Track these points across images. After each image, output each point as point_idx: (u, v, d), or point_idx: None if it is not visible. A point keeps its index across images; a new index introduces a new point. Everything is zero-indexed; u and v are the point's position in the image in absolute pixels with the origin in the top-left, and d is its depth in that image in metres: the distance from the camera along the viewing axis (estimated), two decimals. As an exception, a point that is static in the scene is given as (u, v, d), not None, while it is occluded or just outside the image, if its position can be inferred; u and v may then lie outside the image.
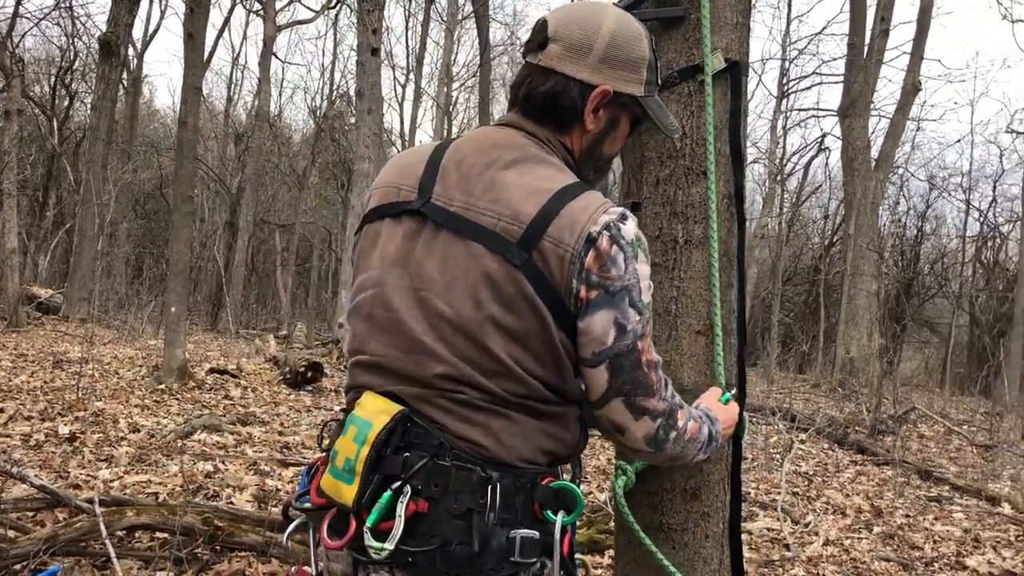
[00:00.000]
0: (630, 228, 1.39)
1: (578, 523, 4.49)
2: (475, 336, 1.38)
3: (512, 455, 1.39)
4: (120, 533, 3.62)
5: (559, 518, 1.40)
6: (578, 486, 1.48)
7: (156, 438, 6.09)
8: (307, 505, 1.51)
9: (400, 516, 1.33)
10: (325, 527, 1.43)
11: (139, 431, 6.27)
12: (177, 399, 7.79)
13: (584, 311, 1.37)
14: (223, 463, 5.55)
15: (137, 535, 3.76)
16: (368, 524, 1.34)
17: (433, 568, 1.34)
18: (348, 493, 1.38)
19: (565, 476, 1.54)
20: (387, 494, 1.35)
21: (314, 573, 1.55)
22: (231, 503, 4.59)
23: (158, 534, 3.74)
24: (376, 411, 1.41)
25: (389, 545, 1.32)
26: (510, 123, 1.53)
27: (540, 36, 1.50)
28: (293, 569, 1.60)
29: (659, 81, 1.60)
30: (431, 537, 1.34)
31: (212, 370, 9.42)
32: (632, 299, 1.38)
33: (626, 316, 1.37)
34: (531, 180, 1.41)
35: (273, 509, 4.45)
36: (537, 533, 1.38)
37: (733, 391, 1.94)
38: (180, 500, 4.12)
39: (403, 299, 1.44)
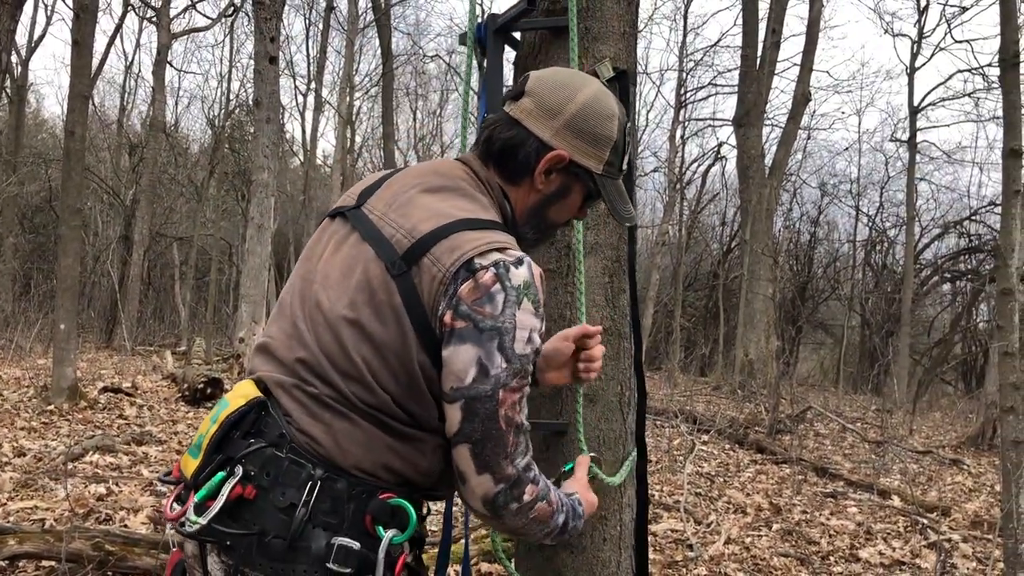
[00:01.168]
0: (521, 273, 1.36)
1: (482, 533, 4.48)
2: (339, 333, 1.40)
3: (348, 461, 1.39)
4: (2, 563, 3.44)
5: (388, 535, 1.38)
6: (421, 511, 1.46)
7: (44, 461, 5.82)
8: (168, 478, 1.53)
9: (222, 495, 1.34)
10: (170, 500, 1.46)
11: (25, 455, 5.97)
12: (67, 420, 7.46)
13: (448, 340, 1.35)
14: (116, 485, 5.33)
15: (21, 564, 3.59)
16: (196, 499, 1.36)
17: (249, 556, 1.34)
18: (192, 467, 1.41)
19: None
20: (220, 474, 1.37)
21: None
22: (125, 526, 4.42)
23: (44, 562, 3.58)
24: (237, 395, 1.44)
25: (202, 520, 1.34)
26: (462, 159, 1.58)
27: (519, 88, 1.55)
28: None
29: (623, 167, 1.60)
30: (252, 524, 1.35)
31: (105, 389, 9.07)
32: (503, 343, 1.33)
33: (491, 359, 1.33)
34: (444, 206, 1.44)
35: (169, 531, 4.30)
36: (359, 544, 1.36)
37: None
38: (67, 526, 3.94)
39: (300, 288, 1.50)
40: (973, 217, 21.51)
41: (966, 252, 21.71)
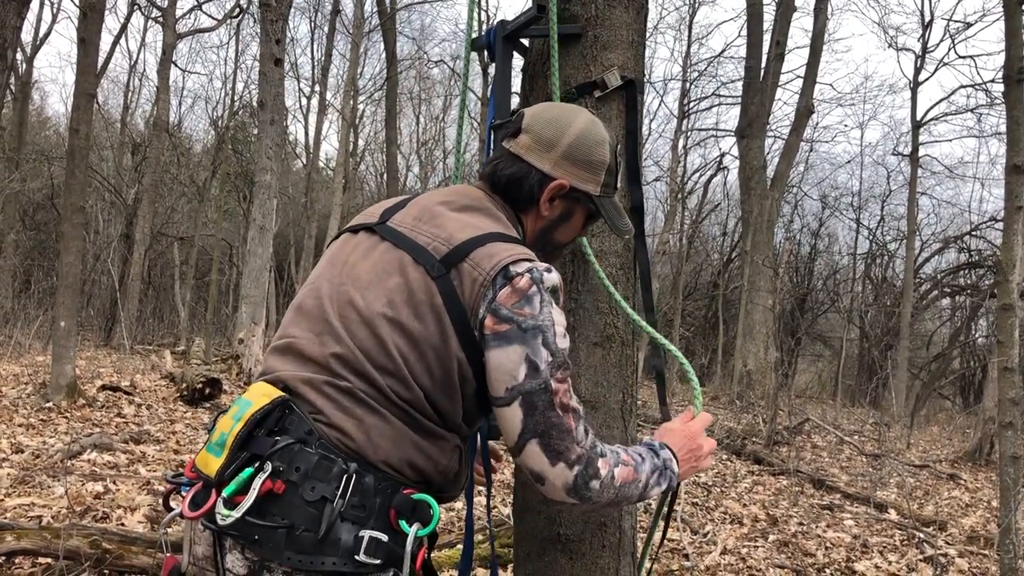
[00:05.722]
0: (552, 278, 1.48)
1: (479, 539, 4.48)
2: (376, 329, 1.46)
3: (378, 455, 1.44)
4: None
5: (413, 529, 1.42)
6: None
7: (41, 459, 5.82)
8: (181, 480, 1.53)
9: (254, 490, 1.37)
10: (187, 500, 1.47)
11: (23, 452, 5.97)
12: (65, 417, 7.46)
13: (492, 343, 1.43)
14: (114, 483, 5.33)
15: (18, 561, 3.59)
16: (224, 494, 1.38)
17: (278, 549, 1.37)
18: (214, 465, 1.43)
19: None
20: (248, 470, 1.40)
21: (185, 559, 1.55)
22: (122, 525, 4.42)
23: (41, 559, 3.58)
24: (259, 394, 1.47)
25: (236, 513, 1.36)
26: (477, 185, 1.70)
27: (516, 125, 1.68)
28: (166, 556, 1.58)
29: (617, 185, 1.73)
30: (280, 519, 1.37)
31: (104, 387, 9.07)
32: (546, 339, 1.42)
33: (538, 355, 1.41)
34: (474, 221, 1.56)
35: (162, 532, 4.29)
36: (386, 537, 1.40)
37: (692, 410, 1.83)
38: (65, 523, 3.95)
39: (328, 290, 1.56)
40: (974, 232, 21.49)
41: (966, 267, 21.68)
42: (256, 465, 1.40)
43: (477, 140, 19.12)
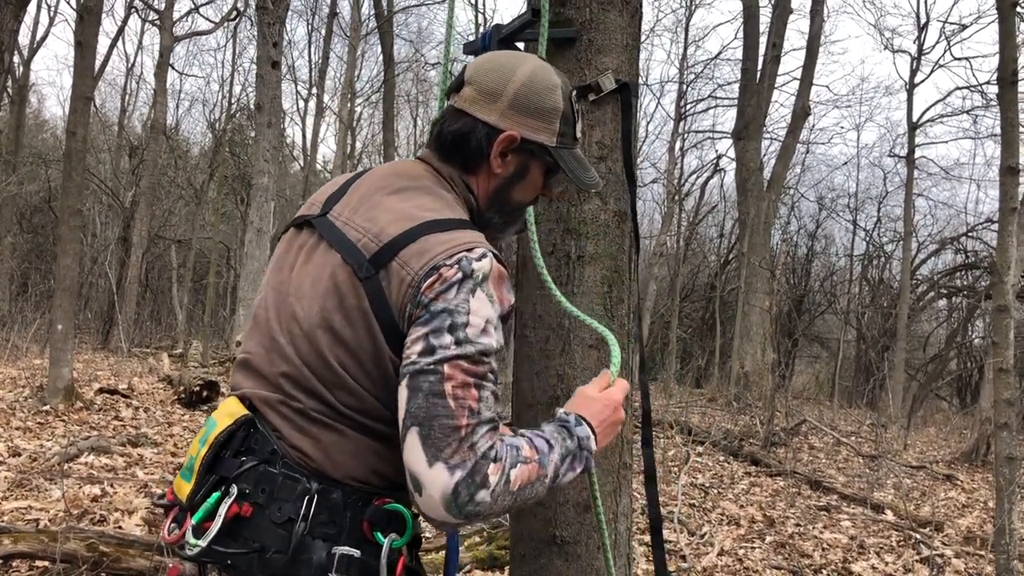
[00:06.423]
0: (481, 265, 1.34)
1: (475, 541, 4.49)
2: (316, 342, 1.40)
3: (340, 471, 1.40)
4: (-4, 562, 3.45)
5: (387, 541, 1.39)
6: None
7: (39, 462, 5.82)
8: (163, 502, 1.52)
9: (219, 516, 1.35)
10: (167, 523, 1.46)
11: (20, 455, 5.97)
12: (63, 421, 7.46)
13: (409, 331, 1.35)
14: (111, 486, 5.33)
15: (15, 564, 3.59)
16: (193, 521, 1.37)
17: (251, 572, 1.35)
18: (186, 490, 1.42)
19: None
20: (215, 494, 1.38)
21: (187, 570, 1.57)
22: (119, 527, 4.42)
23: (38, 563, 3.58)
24: (224, 414, 1.44)
25: (202, 542, 1.34)
26: (421, 157, 1.59)
27: (459, 79, 1.54)
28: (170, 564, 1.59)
29: (577, 135, 1.59)
30: (251, 542, 1.35)
31: (101, 390, 9.06)
32: (454, 324, 1.29)
33: (439, 337, 1.29)
34: (408, 207, 1.44)
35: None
36: (359, 552, 1.37)
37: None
38: (62, 526, 3.95)
39: (275, 300, 1.50)
40: (970, 234, 21.50)
41: (962, 268, 21.70)
42: (223, 489, 1.38)
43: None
